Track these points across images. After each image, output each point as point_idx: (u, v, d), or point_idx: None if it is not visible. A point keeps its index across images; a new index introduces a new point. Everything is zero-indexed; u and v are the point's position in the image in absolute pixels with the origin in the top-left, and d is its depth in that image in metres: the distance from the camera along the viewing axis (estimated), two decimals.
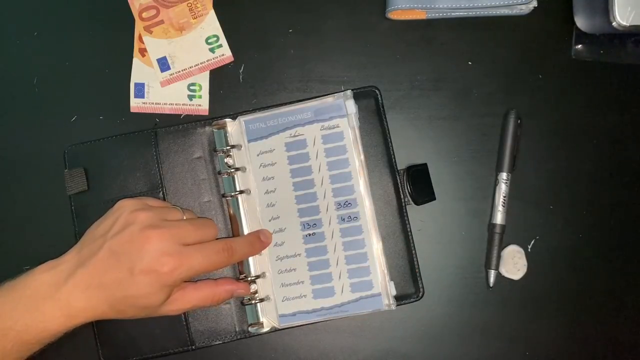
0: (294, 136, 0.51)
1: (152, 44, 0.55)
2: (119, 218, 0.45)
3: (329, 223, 0.50)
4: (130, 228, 0.44)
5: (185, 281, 0.46)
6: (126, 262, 0.43)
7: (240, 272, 0.51)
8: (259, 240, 0.50)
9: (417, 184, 0.52)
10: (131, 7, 0.55)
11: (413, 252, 0.51)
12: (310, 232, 0.50)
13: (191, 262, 0.44)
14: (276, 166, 0.51)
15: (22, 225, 0.54)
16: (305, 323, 0.50)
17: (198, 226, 0.47)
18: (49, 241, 0.53)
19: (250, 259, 0.51)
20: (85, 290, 0.43)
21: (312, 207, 0.51)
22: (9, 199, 0.54)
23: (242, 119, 0.52)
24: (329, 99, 0.51)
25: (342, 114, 0.51)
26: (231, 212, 0.52)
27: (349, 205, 0.50)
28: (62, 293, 0.43)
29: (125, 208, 0.46)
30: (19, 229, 0.54)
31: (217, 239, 0.48)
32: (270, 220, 0.51)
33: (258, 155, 0.51)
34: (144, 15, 0.55)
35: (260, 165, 0.51)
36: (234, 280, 0.50)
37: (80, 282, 0.43)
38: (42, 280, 0.44)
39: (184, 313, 0.51)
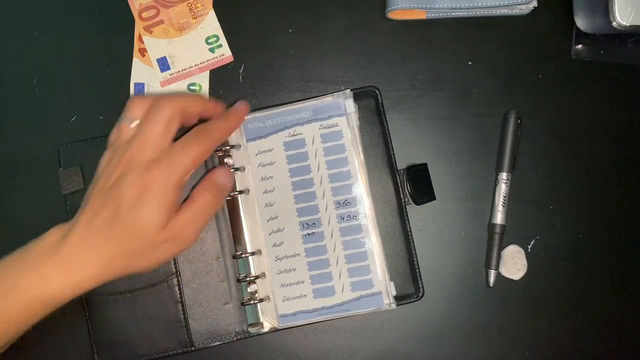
0: (293, 135, 0.51)
1: (152, 44, 0.55)
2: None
3: (329, 222, 0.50)
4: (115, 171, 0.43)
5: (179, 190, 0.43)
6: (113, 196, 0.42)
7: (239, 273, 0.51)
8: (234, 113, 0.48)
9: (417, 184, 0.52)
10: (131, 7, 0.55)
11: (413, 252, 0.51)
12: (310, 231, 0.50)
13: (178, 162, 0.42)
14: (275, 166, 0.51)
15: (17, 224, 0.53)
16: (306, 323, 0.50)
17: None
18: None
19: (250, 260, 0.50)
20: (85, 241, 0.41)
21: (311, 206, 0.50)
22: (7, 198, 0.54)
23: None
24: (328, 98, 0.51)
25: (341, 113, 0.51)
26: (231, 212, 0.52)
27: (349, 204, 0.50)
28: (63, 249, 0.41)
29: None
30: (14, 229, 0.53)
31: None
32: (269, 220, 0.51)
33: (257, 154, 0.51)
34: (144, 15, 0.55)
35: (259, 165, 0.51)
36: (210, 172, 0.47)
37: (79, 234, 0.42)
38: (46, 240, 0.42)
39: (183, 313, 0.50)
